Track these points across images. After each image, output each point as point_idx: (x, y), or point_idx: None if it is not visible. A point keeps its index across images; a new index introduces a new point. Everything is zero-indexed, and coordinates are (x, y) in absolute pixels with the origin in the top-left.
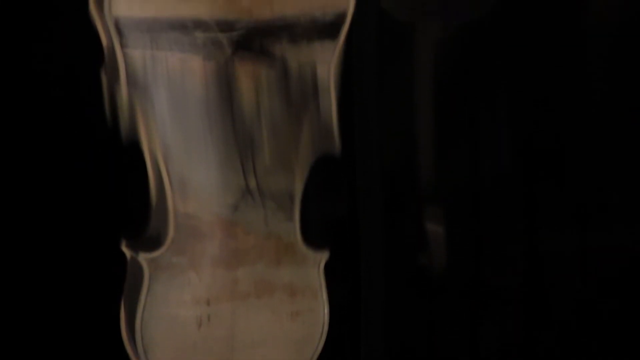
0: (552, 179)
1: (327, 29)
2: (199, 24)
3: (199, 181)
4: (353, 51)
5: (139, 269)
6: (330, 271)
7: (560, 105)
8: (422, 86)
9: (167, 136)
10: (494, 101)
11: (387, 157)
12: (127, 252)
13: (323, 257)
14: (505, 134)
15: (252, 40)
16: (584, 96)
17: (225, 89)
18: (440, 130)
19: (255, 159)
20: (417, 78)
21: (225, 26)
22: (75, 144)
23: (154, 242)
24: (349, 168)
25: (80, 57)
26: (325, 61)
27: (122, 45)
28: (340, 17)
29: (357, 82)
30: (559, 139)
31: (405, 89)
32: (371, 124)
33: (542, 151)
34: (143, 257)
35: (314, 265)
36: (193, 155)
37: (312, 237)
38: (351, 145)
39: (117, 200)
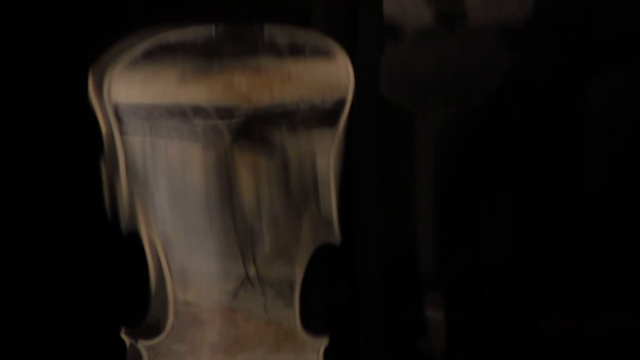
0: (552, 266)
1: (326, 116)
2: (198, 111)
3: (198, 269)
4: (352, 139)
5: (138, 356)
6: (329, 357)
7: (561, 195)
8: (422, 174)
9: (167, 226)
10: (495, 189)
11: (387, 245)
12: (127, 340)
13: (322, 343)
14: (505, 222)
15: (252, 128)
16: (585, 186)
17: (225, 180)
18: (440, 217)
19: (255, 248)
20: (417, 166)
21: (224, 113)
22: (75, 233)
23: (154, 330)
24: (348, 255)
25: (79, 145)
26: (325, 151)
27: (122, 133)
28: (340, 104)
29: (357, 171)
30: (559, 227)
31: (405, 177)
32: (371, 213)
33: (542, 239)
34: (142, 345)
35: (314, 351)
36: (193, 244)
37: (312, 323)
38: (351, 233)
39: (117, 288)
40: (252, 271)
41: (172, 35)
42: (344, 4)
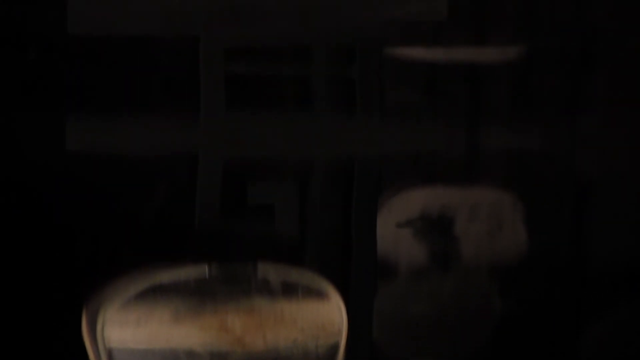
0: None
1: None
2: (192, 356)
3: None
4: None
5: None
6: None
7: None
8: None
9: None
10: None
11: None
12: None
13: None
14: None
15: None
16: None
17: None
18: None
19: None
20: None
21: (218, 358)
22: None
23: None
24: None
25: None
26: None
27: None
28: (333, 349)
29: None
30: None
31: None
32: None
33: None
34: None
35: None
36: None
37: None
38: None
39: None
40: None
41: (166, 276)
42: (337, 242)
